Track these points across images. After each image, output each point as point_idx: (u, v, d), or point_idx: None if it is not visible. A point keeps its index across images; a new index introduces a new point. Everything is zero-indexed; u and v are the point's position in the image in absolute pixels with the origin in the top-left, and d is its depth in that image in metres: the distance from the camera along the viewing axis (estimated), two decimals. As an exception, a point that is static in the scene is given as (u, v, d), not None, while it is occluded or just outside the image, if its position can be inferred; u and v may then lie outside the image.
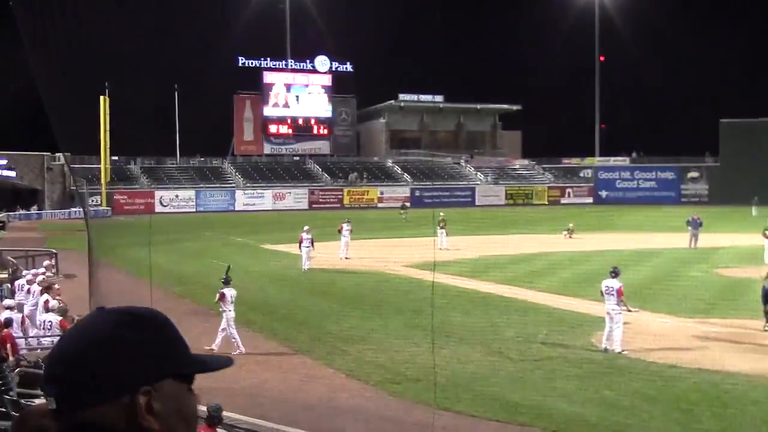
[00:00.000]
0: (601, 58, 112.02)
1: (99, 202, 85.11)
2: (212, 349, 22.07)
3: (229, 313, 22.75)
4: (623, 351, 21.47)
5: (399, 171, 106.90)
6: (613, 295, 21.85)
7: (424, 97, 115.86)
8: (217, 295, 23.10)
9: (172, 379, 1.84)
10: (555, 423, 16.14)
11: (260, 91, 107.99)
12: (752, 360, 20.67)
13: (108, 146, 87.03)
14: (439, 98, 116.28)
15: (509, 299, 30.13)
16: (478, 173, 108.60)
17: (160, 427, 1.79)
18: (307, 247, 38.72)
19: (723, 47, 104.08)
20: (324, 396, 18.49)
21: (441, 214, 51.01)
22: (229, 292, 22.94)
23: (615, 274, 22.31)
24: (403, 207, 79.50)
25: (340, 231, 43.70)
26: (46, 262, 33.59)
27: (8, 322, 18.57)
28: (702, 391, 18.04)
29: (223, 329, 22.66)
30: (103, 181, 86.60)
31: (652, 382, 18.81)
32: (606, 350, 21.65)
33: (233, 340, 22.46)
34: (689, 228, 47.04)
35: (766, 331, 23.03)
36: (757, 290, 24.63)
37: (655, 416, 16.47)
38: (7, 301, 22.93)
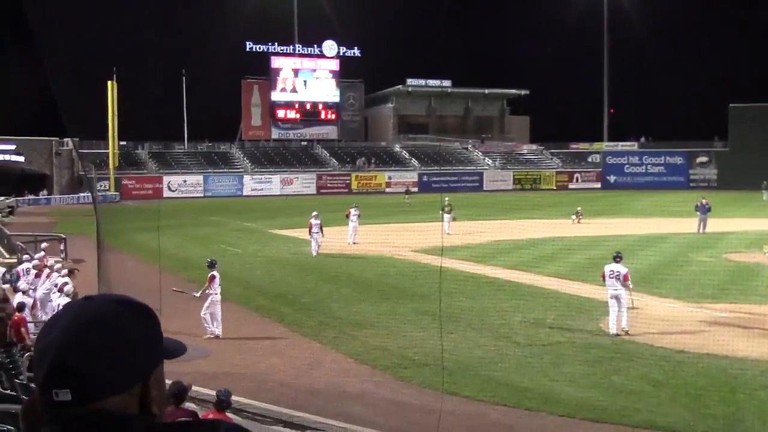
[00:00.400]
0: (610, 42, 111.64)
1: (107, 187, 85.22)
2: (218, 336, 22.35)
3: (216, 296, 22.80)
4: (628, 330, 21.64)
5: (407, 156, 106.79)
6: (619, 279, 21.95)
7: (431, 82, 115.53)
8: (208, 278, 23.08)
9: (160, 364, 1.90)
10: (562, 408, 16.16)
11: (268, 76, 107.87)
12: (761, 345, 20.61)
13: (116, 131, 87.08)
14: (447, 83, 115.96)
15: (517, 284, 30.12)
16: (486, 158, 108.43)
17: (157, 410, 1.83)
18: (317, 232, 38.75)
19: (732, 31, 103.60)
20: (332, 381, 18.54)
21: (446, 199, 50.95)
22: (217, 275, 23.04)
23: (620, 258, 22.49)
24: (407, 192, 79.84)
25: (348, 216, 43.76)
26: (44, 245, 33.55)
27: (21, 307, 18.65)
28: (710, 377, 18.03)
29: (206, 310, 22.62)
30: (111, 166, 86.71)
31: (660, 367, 18.82)
32: (617, 335, 21.71)
33: (205, 323, 22.46)
34: (698, 213, 46.97)
35: (774, 316, 22.98)
36: (767, 275, 24.56)
37: (663, 401, 16.47)
38: (22, 285, 23.03)
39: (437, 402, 15.66)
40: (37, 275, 24.91)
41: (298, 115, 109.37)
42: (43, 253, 29.94)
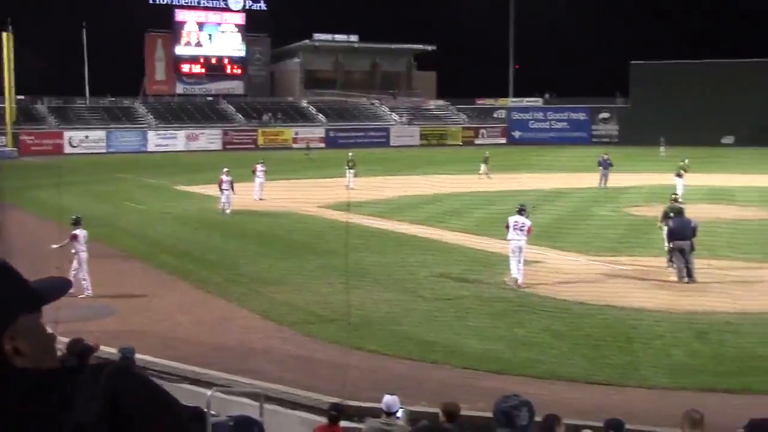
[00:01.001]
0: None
1: (5, 143, 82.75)
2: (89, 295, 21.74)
3: (83, 254, 22.35)
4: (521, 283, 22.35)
5: (314, 111, 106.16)
6: (523, 230, 22.41)
7: (339, 37, 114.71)
8: (70, 236, 22.53)
9: (25, 315, 1.82)
10: (467, 360, 16.45)
11: (172, 30, 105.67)
12: (657, 296, 21.35)
13: (13, 85, 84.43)
14: (354, 38, 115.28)
15: (423, 239, 30.41)
16: (393, 114, 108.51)
17: (30, 363, 1.77)
18: (227, 189, 38.20)
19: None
20: (238, 337, 18.52)
21: (350, 154, 51.21)
22: (81, 233, 22.56)
23: (524, 211, 22.99)
24: (308, 148, 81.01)
25: (254, 172, 43.48)
26: None
27: None
28: (609, 327, 18.57)
29: (75, 270, 22.11)
30: (8, 121, 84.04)
31: (562, 319, 19.30)
32: (519, 285, 22.17)
33: (84, 281, 21.95)
34: (600, 168, 48.02)
35: (668, 268, 23.73)
36: (663, 228, 25.27)
37: (565, 352, 16.91)
38: None
39: (343, 357, 15.77)
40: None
41: (203, 70, 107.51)
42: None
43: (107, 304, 21.16)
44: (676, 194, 29.51)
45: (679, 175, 40.69)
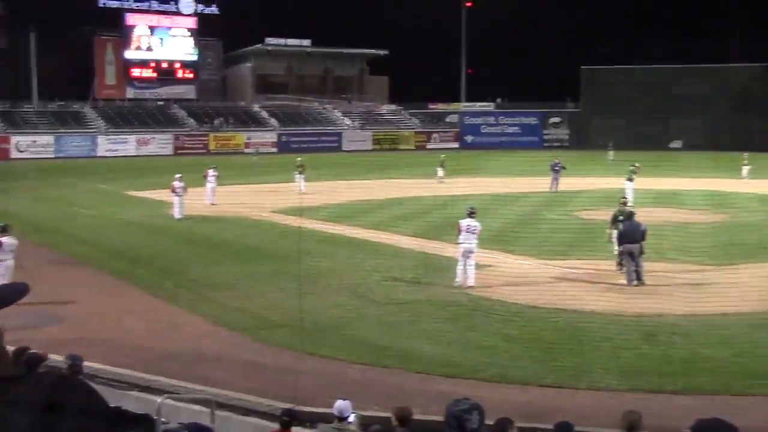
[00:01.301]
0: (468, 4, 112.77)
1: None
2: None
3: (9, 262, 22.07)
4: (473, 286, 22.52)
5: (266, 116, 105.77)
6: (474, 233, 22.61)
7: (291, 42, 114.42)
8: None
9: None
10: (419, 364, 16.49)
11: (122, 34, 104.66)
12: (606, 299, 21.54)
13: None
14: (306, 42, 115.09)
15: (375, 244, 30.42)
16: (346, 118, 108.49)
17: None
18: (180, 195, 37.70)
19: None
20: (189, 344, 18.37)
21: (299, 159, 51.17)
22: (8, 241, 22.27)
23: (474, 213, 23.21)
24: (257, 153, 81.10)
25: (205, 177, 43.19)
26: None
27: None
28: (560, 330, 18.73)
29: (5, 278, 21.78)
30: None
31: (514, 323, 19.41)
32: (470, 287, 22.33)
33: None
34: (551, 172, 48.40)
35: (618, 271, 23.99)
36: (612, 235, 25.53)
37: (516, 355, 17.02)
38: None
39: (295, 362, 15.72)
40: None
41: (154, 74, 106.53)
42: None
43: (55, 312, 20.86)
44: (626, 198, 29.85)
45: (629, 179, 41.12)
